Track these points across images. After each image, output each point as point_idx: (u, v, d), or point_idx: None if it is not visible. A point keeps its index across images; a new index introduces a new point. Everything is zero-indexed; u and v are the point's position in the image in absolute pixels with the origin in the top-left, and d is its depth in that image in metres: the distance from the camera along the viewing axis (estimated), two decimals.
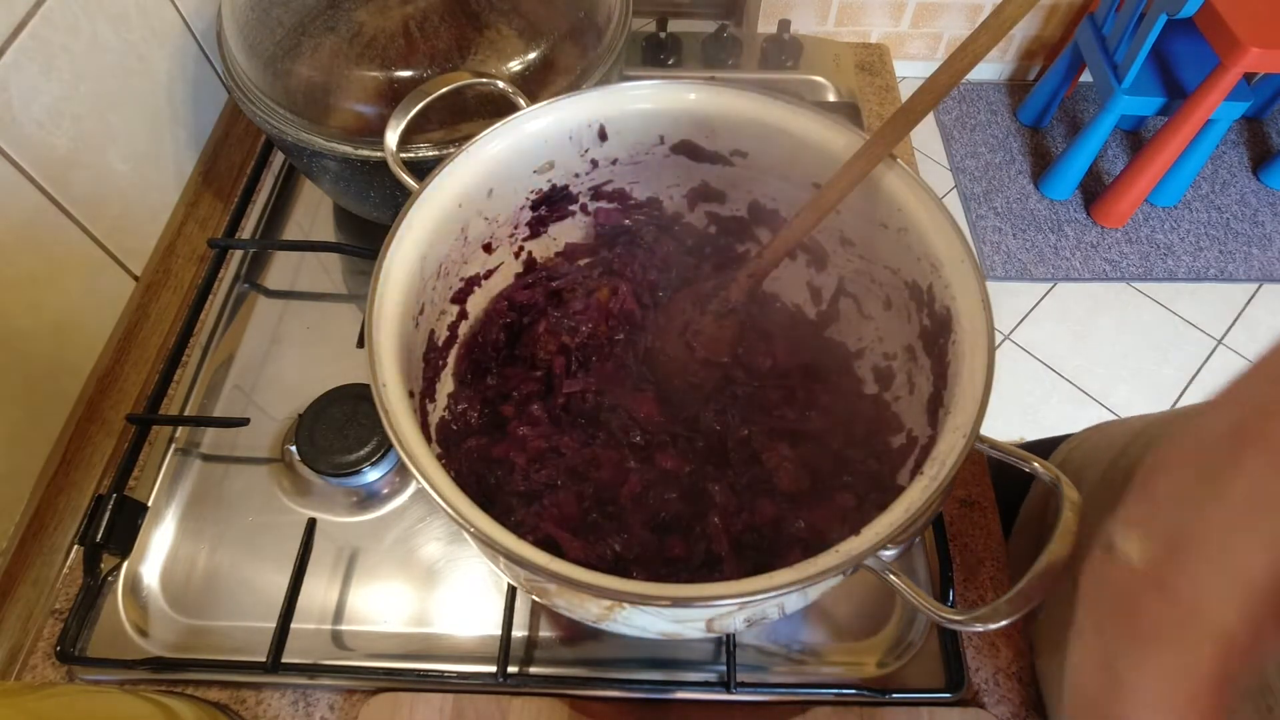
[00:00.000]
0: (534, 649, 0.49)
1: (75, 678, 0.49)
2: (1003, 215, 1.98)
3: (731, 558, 0.43)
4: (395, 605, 0.51)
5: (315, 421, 0.54)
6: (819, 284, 0.52)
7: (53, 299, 0.54)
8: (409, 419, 0.35)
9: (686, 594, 0.30)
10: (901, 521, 0.31)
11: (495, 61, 0.53)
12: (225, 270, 0.65)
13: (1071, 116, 2.20)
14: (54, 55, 0.53)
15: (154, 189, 0.64)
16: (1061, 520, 0.31)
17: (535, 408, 0.49)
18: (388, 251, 0.39)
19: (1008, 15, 0.34)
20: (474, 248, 0.48)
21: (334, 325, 0.63)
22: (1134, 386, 1.71)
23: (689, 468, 0.47)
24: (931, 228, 0.40)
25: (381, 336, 0.37)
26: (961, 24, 2.15)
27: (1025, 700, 0.48)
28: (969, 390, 0.35)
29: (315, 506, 0.54)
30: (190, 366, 0.60)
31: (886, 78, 0.82)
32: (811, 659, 0.49)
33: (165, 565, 0.52)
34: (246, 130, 0.75)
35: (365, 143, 0.54)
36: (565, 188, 0.50)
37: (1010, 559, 0.54)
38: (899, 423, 0.45)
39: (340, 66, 0.52)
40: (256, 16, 0.54)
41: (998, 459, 0.34)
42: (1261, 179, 2.05)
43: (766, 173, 0.48)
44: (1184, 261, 1.90)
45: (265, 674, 0.47)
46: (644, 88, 0.46)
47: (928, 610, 0.31)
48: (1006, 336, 1.79)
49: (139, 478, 0.55)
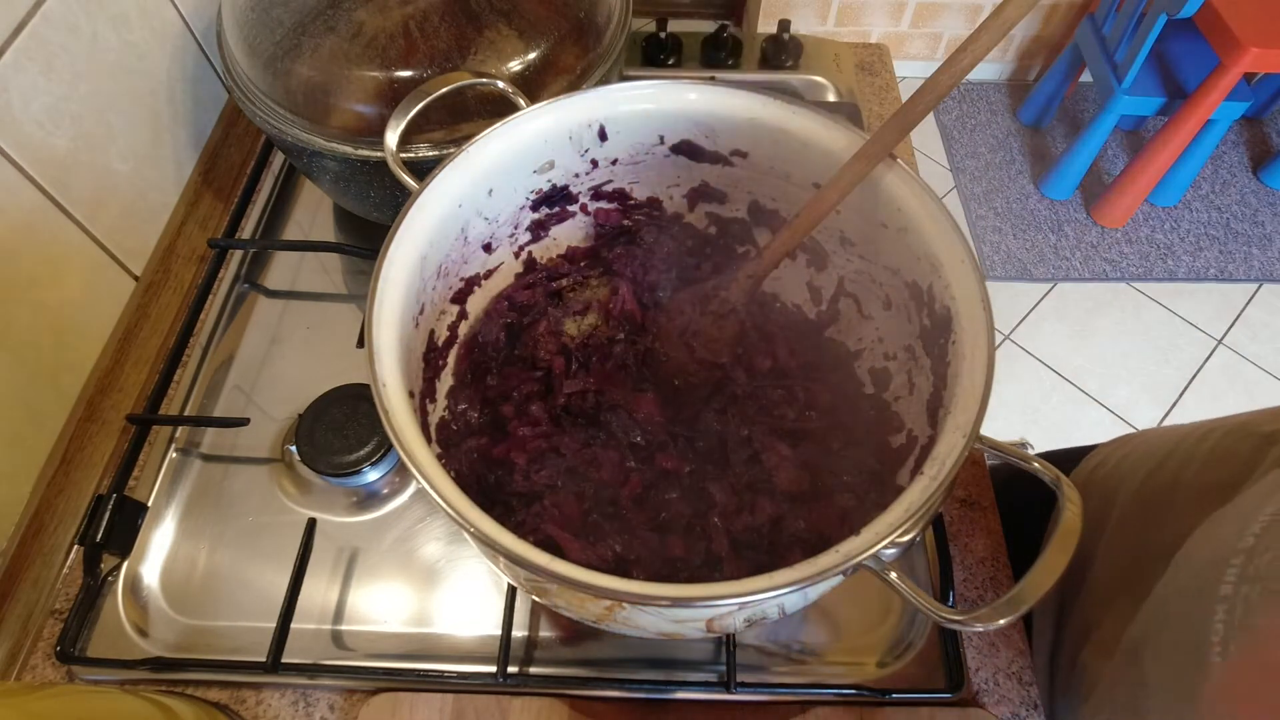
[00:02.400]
0: (534, 649, 0.49)
1: (75, 678, 0.49)
2: (1003, 215, 1.98)
3: (731, 558, 0.43)
4: (395, 605, 0.51)
5: (315, 421, 0.54)
6: (819, 284, 0.52)
7: (53, 299, 0.54)
8: (409, 419, 0.35)
9: (686, 594, 0.30)
10: (901, 521, 0.31)
11: (495, 61, 0.53)
12: (225, 270, 0.65)
13: (1071, 116, 2.20)
14: (54, 55, 0.53)
15: (154, 189, 0.64)
16: (1063, 521, 0.31)
17: (535, 408, 0.49)
18: (388, 251, 0.39)
19: (1008, 16, 0.34)
20: (474, 248, 0.48)
21: (334, 325, 0.63)
22: (1134, 386, 1.71)
23: (689, 468, 0.47)
24: (931, 228, 0.40)
25: (381, 336, 0.37)
26: (961, 24, 2.15)
27: (1025, 700, 0.48)
28: (969, 390, 0.35)
29: (315, 506, 0.54)
30: (190, 366, 0.60)
31: (886, 78, 0.82)
32: (811, 659, 0.49)
33: (165, 565, 0.52)
34: (246, 130, 0.75)
35: (365, 143, 0.54)
36: (565, 188, 0.50)
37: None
38: (899, 422, 0.45)
39: (340, 66, 0.52)
40: (256, 16, 0.54)
41: (998, 459, 0.34)
42: (1261, 179, 2.05)
43: (766, 173, 0.48)
44: (1184, 261, 1.90)
45: (265, 674, 0.47)
46: (644, 88, 0.46)
47: (928, 610, 0.31)
48: (1006, 336, 1.79)
49: (139, 478, 0.55)
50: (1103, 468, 0.57)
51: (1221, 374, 1.74)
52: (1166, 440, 0.52)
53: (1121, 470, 0.54)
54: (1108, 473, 0.56)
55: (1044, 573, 0.30)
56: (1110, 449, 0.59)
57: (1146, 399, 1.69)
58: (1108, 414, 1.67)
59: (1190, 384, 1.72)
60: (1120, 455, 0.56)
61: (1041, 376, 1.73)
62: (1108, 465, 0.57)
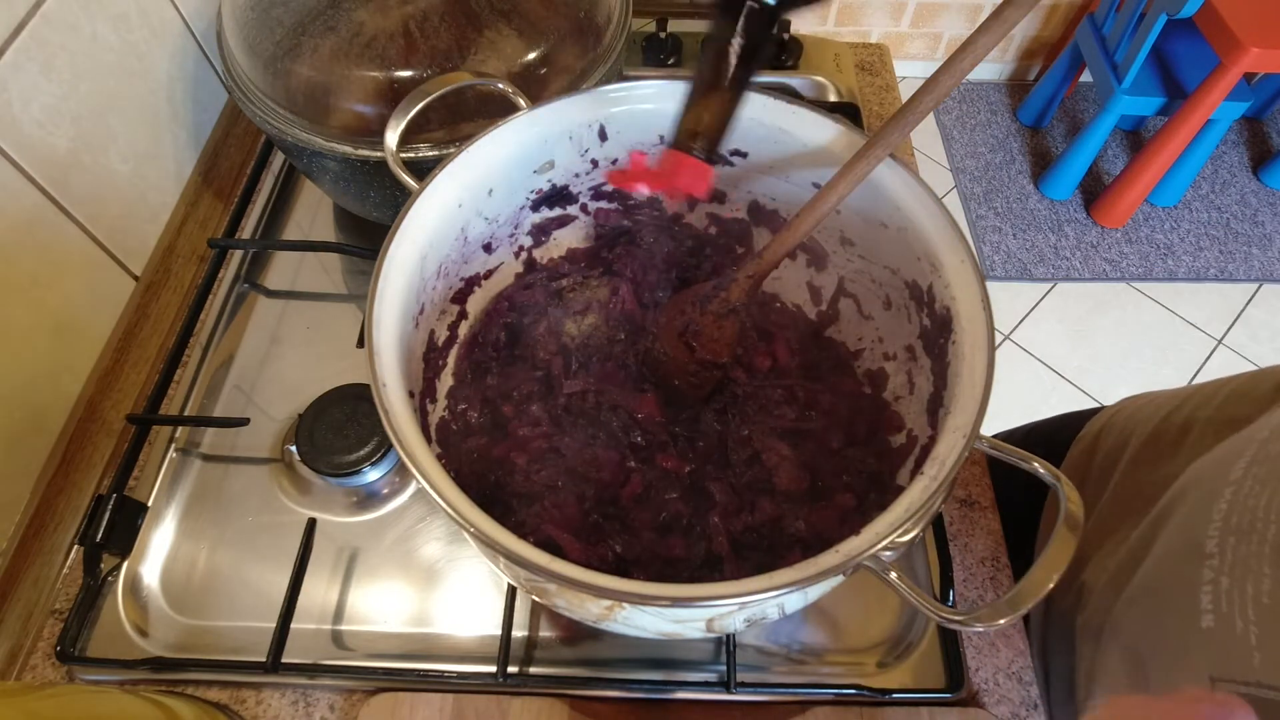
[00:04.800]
0: (534, 649, 0.49)
1: (75, 678, 0.49)
2: (1003, 215, 1.98)
3: (732, 558, 0.43)
4: (395, 605, 0.51)
5: (315, 421, 0.54)
6: (819, 284, 0.52)
7: (53, 299, 0.54)
8: (409, 419, 0.35)
9: (686, 594, 0.30)
10: (901, 521, 0.31)
11: (495, 61, 0.53)
12: (225, 270, 0.65)
13: (1071, 116, 2.20)
14: (54, 55, 0.53)
15: (154, 189, 0.64)
16: (1063, 519, 0.31)
17: (535, 408, 0.49)
18: (388, 251, 0.39)
19: (1008, 16, 0.34)
20: (474, 248, 0.48)
21: (334, 325, 0.63)
22: (1134, 386, 1.70)
23: (689, 468, 0.47)
24: (931, 228, 0.40)
25: (381, 336, 0.37)
26: (961, 24, 2.15)
27: (1025, 700, 0.48)
28: (969, 390, 0.35)
29: (315, 506, 0.54)
30: (190, 366, 0.60)
31: (886, 78, 0.82)
32: (811, 659, 0.49)
33: (165, 565, 0.52)
34: (246, 130, 0.75)
35: (365, 143, 0.54)
36: (565, 188, 0.50)
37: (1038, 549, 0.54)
38: (899, 422, 0.45)
39: (340, 66, 0.52)
40: (256, 16, 0.54)
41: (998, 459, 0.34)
42: (1261, 179, 2.05)
43: (766, 173, 0.48)
44: (1184, 261, 1.90)
45: (265, 674, 0.47)
46: (644, 88, 0.46)
47: (928, 610, 0.31)
48: (1006, 336, 1.79)
49: (139, 478, 0.55)
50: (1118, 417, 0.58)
51: (1221, 374, 1.73)
52: (1179, 394, 0.54)
53: (1134, 418, 0.55)
54: (1122, 421, 0.57)
55: (1044, 572, 0.30)
56: (1120, 405, 0.60)
57: None
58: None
59: (1190, 384, 1.72)
60: (1134, 407, 0.57)
61: (1041, 376, 1.73)
62: (1121, 415, 0.58)
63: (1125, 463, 0.53)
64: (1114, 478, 0.53)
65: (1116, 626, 0.44)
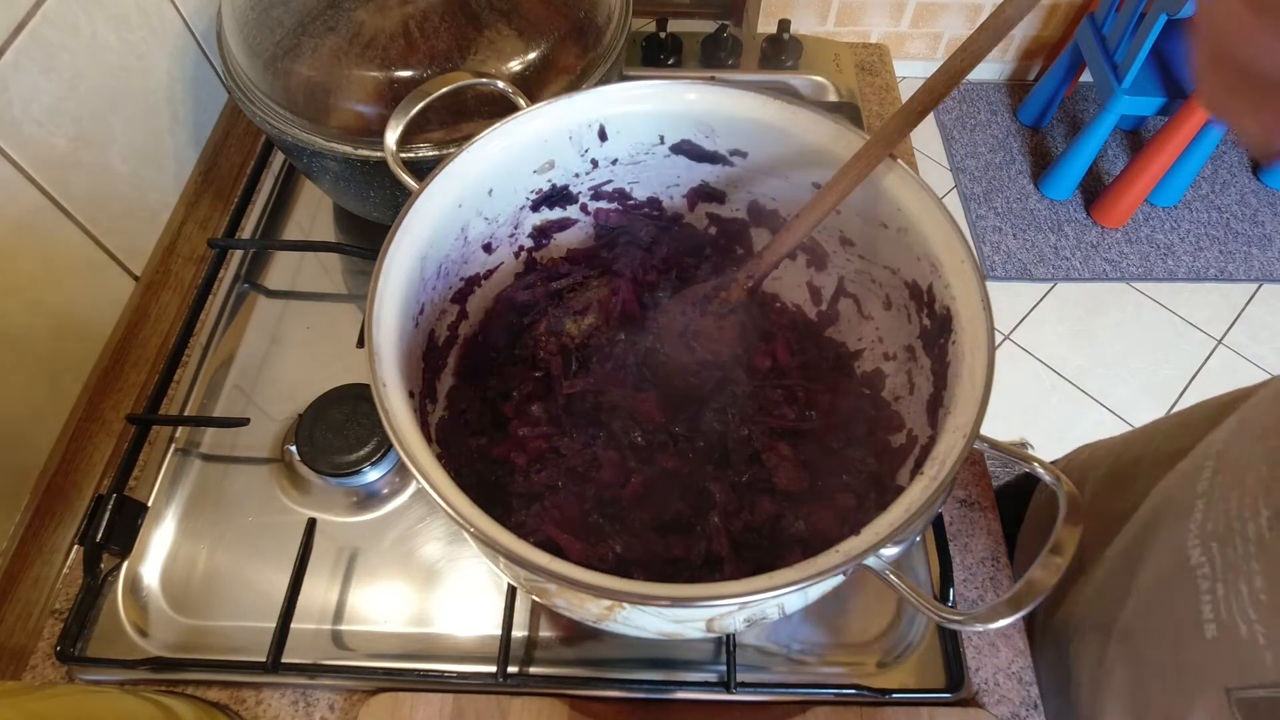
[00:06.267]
0: (534, 649, 0.49)
1: (75, 678, 0.49)
2: (1003, 215, 1.98)
3: (732, 558, 0.43)
4: (395, 605, 0.51)
5: (315, 421, 0.54)
6: (819, 284, 0.52)
7: (53, 299, 0.54)
8: (409, 419, 0.35)
9: (686, 594, 0.30)
10: (901, 521, 0.31)
11: (495, 61, 0.53)
12: (225, 270, 0.65)
13: (1071, 116, 2.20)
14: (54, 55, 0.53)
15: (154, 189, 0.64)
16: (1062, 519, 0.31)
17: (536, 408, 0.49)
18: (388, 251, 0.39)
19: (1008, 16, 0.34)
20: (474, 248, 0.48)
21: (334, 325, 0.63)
22: (1134, 386, 1.71)
23: (689, 468, 0.47)
24: (931, 228, 0.40)
25: (381, 336, 0.37)
26: (961, 24, 2.15)
27: (1025, 700, 0.48)
28: (969, 390, 0.35)
29: (315, 506, 0.54)
30: (190, 366, 0.60)
31: (886, 78, 0.82)
32: (811, 659, 0.49)
33: (165, 565, 0.52)
34: (246, 130, 0.75)
35: (365, 143, 0.54)
36: (565, 188, 0.50)
37: (1018, 558, 0.55)
38: (899, 422, 0.45)
39: (340, 66, 0.52)
40: (256, 16, 0.54)
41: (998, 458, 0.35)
42: (1261, 179, 2.05)
43: (766, 173, 0.48)
44: (1184, 261, 1.90)
45: (265, 674, 0.47)
46: (644, 88, 0.46)
47: (928, 610, 0.31)
48: (1006, 336, 1.79)
49: (139, 478, 0.55)
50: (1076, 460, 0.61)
51: (1221, 374, 1.74)
52: (1125, 437, 0.57)
53: (1090, 464, 0.58)
54: (1081, 463, 0.60)
55: (1044, 572, 0.30)
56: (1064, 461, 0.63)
57: (1146, 399, 1.69)
58: (1108, 414, 1.67)
59: (1190, 384, 1.72)
60: (1084, 456, 0.61)
61: (1041, 376, 1.73)
62: (1079, 459, 0.61)
63: (1087, 500, 0.55)
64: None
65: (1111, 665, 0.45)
